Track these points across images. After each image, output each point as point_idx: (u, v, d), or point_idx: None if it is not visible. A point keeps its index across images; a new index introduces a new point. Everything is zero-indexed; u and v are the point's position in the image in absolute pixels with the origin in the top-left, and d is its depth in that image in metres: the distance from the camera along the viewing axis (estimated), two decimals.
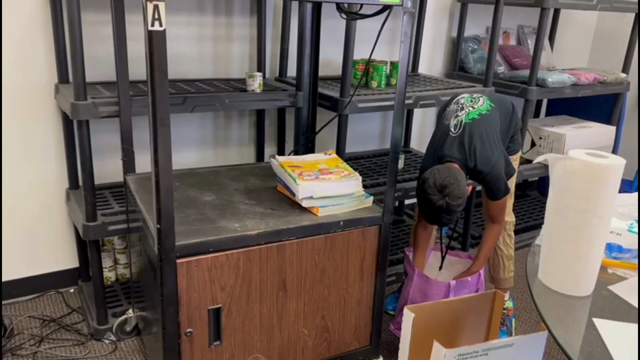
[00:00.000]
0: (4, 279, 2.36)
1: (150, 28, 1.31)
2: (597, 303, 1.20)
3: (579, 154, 1.16)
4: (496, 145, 1.98)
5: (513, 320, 2.39)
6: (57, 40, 2.10)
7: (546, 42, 3.53)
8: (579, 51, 3.98)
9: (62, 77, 2.16)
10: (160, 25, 1.32)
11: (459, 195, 1.84)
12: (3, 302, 2.36)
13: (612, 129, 3.32)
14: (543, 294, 1.23)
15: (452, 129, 1.99)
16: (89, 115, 1.92)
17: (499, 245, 2.29)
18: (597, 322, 1.12)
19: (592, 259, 1.20)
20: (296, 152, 2.34)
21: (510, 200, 2.25)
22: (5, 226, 2.31)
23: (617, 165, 1.12)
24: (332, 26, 2.69)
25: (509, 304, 2.38)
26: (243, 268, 1.66)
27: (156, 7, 1.30)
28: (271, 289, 1.73)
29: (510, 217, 2.29)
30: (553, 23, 3.61)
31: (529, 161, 3.11)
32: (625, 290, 1.24)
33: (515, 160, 2.26)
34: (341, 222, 1.79)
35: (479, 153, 1.93)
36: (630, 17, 3.64)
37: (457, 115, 2.02)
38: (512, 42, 3.50)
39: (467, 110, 2.02)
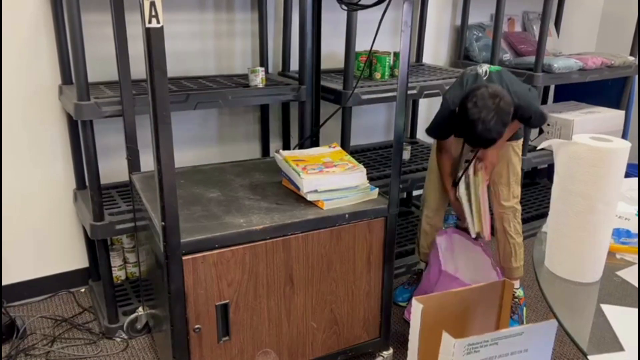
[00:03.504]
0: (15, 280, 2.38)
1: (147, 25, 1.30)
2: (606, 289, 1.18)
3: (583, 139, 1.14)
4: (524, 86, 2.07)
5: (524, 309, 2.38)
6: (59, 42, 2.11)
7: (552, 27, 3.49)
8: (586, 35, 3.93)
9: (66, 79, 2.17)
10: (158, 22, 1.31)
11: (510, 104, 1.86)
12: (15, 304, 2.38)
13: (621, 113, 3.28)
14: (550, 282, 1.21)
15: (482, 74, 2.04)
16: (93, 115, 1.92)
17: (511, 234, 2.26)
18: (605, 308, 1.10)
19: (599, 245, 1.18)
20: (301, 146, 2.33)
21: (518, 188, 2.24)
22: (14, 228, 2.33)
23: (621, 149, 1.10)
24: (334, 18, 2.67)
25: (519, 293, 2.36)
26: (249, 263, 1.66)
27: (153, 4, 1.29)
28: (278, 283, 1.73)
29: (519, 206, 2.27)
30: (559, 8, 3.56)
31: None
32: (634, 276, 1.22)
33: (519, 146, 2.25)
34: (347, 215, 1.78)
35: (513, 90, 1.97)
36: None
37: (481, 66, 2.08)
38: (518, 28, 3.46)
39: (488, 66, 2.10)
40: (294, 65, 2.62)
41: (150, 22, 1.30)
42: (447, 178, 2.24)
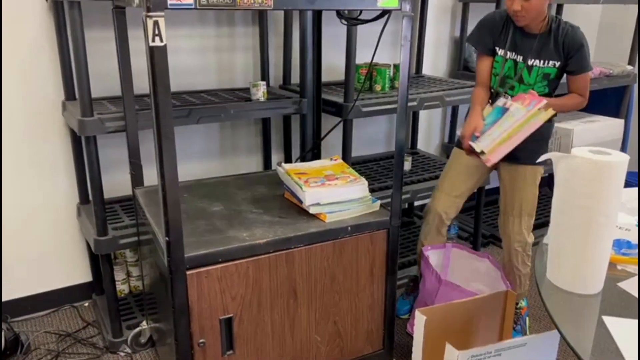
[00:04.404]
0: (19, 295, 2.39)
1: (151, 44, 1.32)
2: (607, 300, 1.19)
3: (582, 152, 1.16)
4: None
5: (527, 319, 2.38)
6: (63, 59, 2.14)
7: None
8: None
9: (69, 95, 2.19)
10: (161, 40, 1.33)
11: None
12: (19, 318, 2.39)
13: (620, 122, 3.30)
14: (552, 293, 1.22)
15: None
16: (96, 131, 1.94)
17: (518, 267, 2.21)
18: (607, 319, 1.11)
19: (600, 257, 1.19)
20: (303, 159, 2.35)
21: (531, 220, 2.19)
22: (18, 243, 2.34)
23: (620, 162, 1.12)
24: (335, 32, 2.70)
25: (522, 303, 2.37)
26: (253, 277, 1.67)
27: (156, 23, 1.32)
28: (282, 296, 1.74)
29: (531, 238, 2.23)
30: None
31: None
32: (634, 287, 1.23)
33: (539, 173, 2.17)
34: (349, 228, 1.79)
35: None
36: (634, 8, 3.60)
37: None
38: None
39: None
40: (295, 78, 2.64)
41: (153, 40, 1.32)
42: (477, 106, 2.07)
